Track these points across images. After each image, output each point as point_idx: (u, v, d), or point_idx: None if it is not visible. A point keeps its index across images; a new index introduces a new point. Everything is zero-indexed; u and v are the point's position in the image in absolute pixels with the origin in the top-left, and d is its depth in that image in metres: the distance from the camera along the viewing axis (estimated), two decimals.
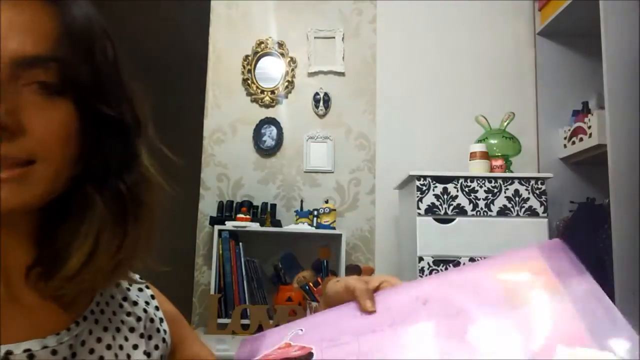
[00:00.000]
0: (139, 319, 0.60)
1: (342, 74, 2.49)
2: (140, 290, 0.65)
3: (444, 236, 1.91)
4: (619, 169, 1.69)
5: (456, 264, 1.88)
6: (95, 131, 0.50)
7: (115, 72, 0.52)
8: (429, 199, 1.92)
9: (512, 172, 2.08)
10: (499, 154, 2.10)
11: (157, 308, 0.64)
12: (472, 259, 1.89)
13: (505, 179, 1.94)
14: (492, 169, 2.05)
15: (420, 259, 1.89)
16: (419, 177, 1.94)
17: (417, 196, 1.92)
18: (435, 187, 1.93)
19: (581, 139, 2.16)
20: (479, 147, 2.07)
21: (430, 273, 1.88)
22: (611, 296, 1.75)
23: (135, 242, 0.53)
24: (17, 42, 0.45)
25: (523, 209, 1.92)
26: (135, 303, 0.62)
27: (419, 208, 1.92)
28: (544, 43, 2.45)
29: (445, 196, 1.93)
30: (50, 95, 0.46)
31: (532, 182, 1.94)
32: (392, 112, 2.47)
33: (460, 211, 1.92)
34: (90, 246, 0.50)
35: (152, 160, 0.56)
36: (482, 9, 2.52)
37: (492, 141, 2.12)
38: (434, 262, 1.88)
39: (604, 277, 1.94)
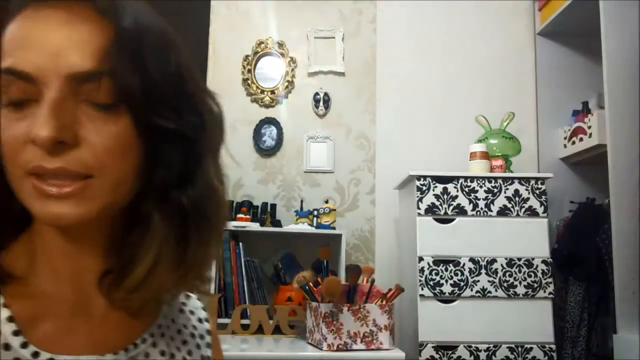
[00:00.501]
0: (189, 352, 0.60)
1: (342, 74, 2.49)
2: (200, 321, 0.64)
3: (444, 236, 1.90)
4: (619, 169, 1.69)
5: (456, 264, 1.88)
6: (154, 143, 0.49)
7: (177, 82, 0.50)
8: (429, 199, 1.92)
9: (512, 172, 2.08)
10: (499, 154, 2.10)
11: (208, 345, 0.63)
12: (472, 259, 1.89)
13: (505, 179, 1.94)
14: (492, 169, 2.05)
15: (420, 259, 1.89)
16: (419, 177, 1.94)
17: (417, 196, 1.92)
18: (435, 187, 1.93)
19: (581, 139, 2.16)
20: (479, 147, 2.06)
21: (430, 273, 1.88)
22: (611, 296, 1.75)
23: (199, 254, 0.53)
24: (71, 59, 0.45)
25: (523, 209, 1.92)
26: (192, 335, 0.61)
27: (419, 208, 1.92)
28: (544, 43, 2.45)
29: (445, 196, 1.93)
30: (106, 109, 0.47)
31: (532, 182, 1.94)
32: (392, 112, 2.47)
33: (460, 211, 1.92)
34: (151, 260, 0.50)
35: (219, 172, 0.55)
36: (482, 9, 2.52)
37: (492, 141, 2.12)
38: (434, 262, 1.88)
39: (604, 277, 1.94)
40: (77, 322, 0.52)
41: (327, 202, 2.35)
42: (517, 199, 1.92)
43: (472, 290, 1.87)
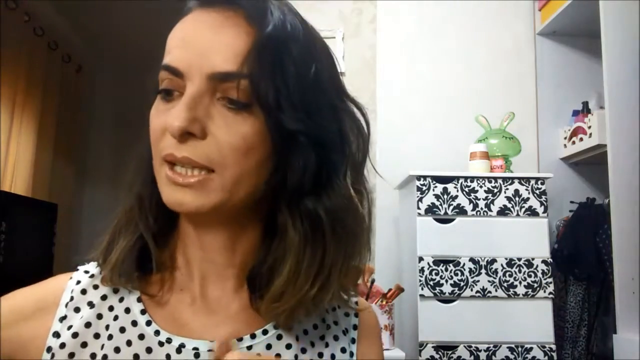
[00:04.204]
0: (327, 345, 0.58)
1: (342, 74, 2.49)
2: (347, 315, 0.62)
3: (444, 236, 1.90)
4: (619, 169, 1.69)
5: (456, 264, 1.88)
6: (285, 146, 0.51)
7: (315, 91, 0.53)
8: (429, 199, 1.92)
9: (512, 172, 2.08)
10: (499, 154, 2.10)
11: (353, 341, 0.60)
12: (472, 259, 1.89)
13: (505, 179, 1.94)
14: (492, 169, 2.05)
15: (420, 259, 1.89)
16: (419, 177, 1.94)
17: (417, 196, 1.92)
18: (435, 187, 1.93)
19: (581, 139, 2.16)
20: (479, 147, 2.06)
21: (430, 273, 1.88)
22: (611, 296, 1.75)
23: (341, 267, 0.53)
24: (213, 60, 0.50)
25: (523, 209, 1.92)
26: (328, 327, 0.60)
27: (419, 208, 1.92)
28: (544, 43, 2.45)
29: (445, 196, 1.93)
30: (239, 108, 0.50)
31: (532, 182, 1.94)
32: (392, 112, 2.47)
33: (460, 211, 1.92)
34: (289, 270, 0.52)
35: (360, 183, 0.57)
36: (481, 9, 2.52)
37: (492, 141, 2.12)
38: (434, 262, 1.88)
39: (604, 277, 1.94)
40: (198, 310, 0.55)
41: None
42: (517, 199, 1.92)
43: (472, 290, 1.87)
